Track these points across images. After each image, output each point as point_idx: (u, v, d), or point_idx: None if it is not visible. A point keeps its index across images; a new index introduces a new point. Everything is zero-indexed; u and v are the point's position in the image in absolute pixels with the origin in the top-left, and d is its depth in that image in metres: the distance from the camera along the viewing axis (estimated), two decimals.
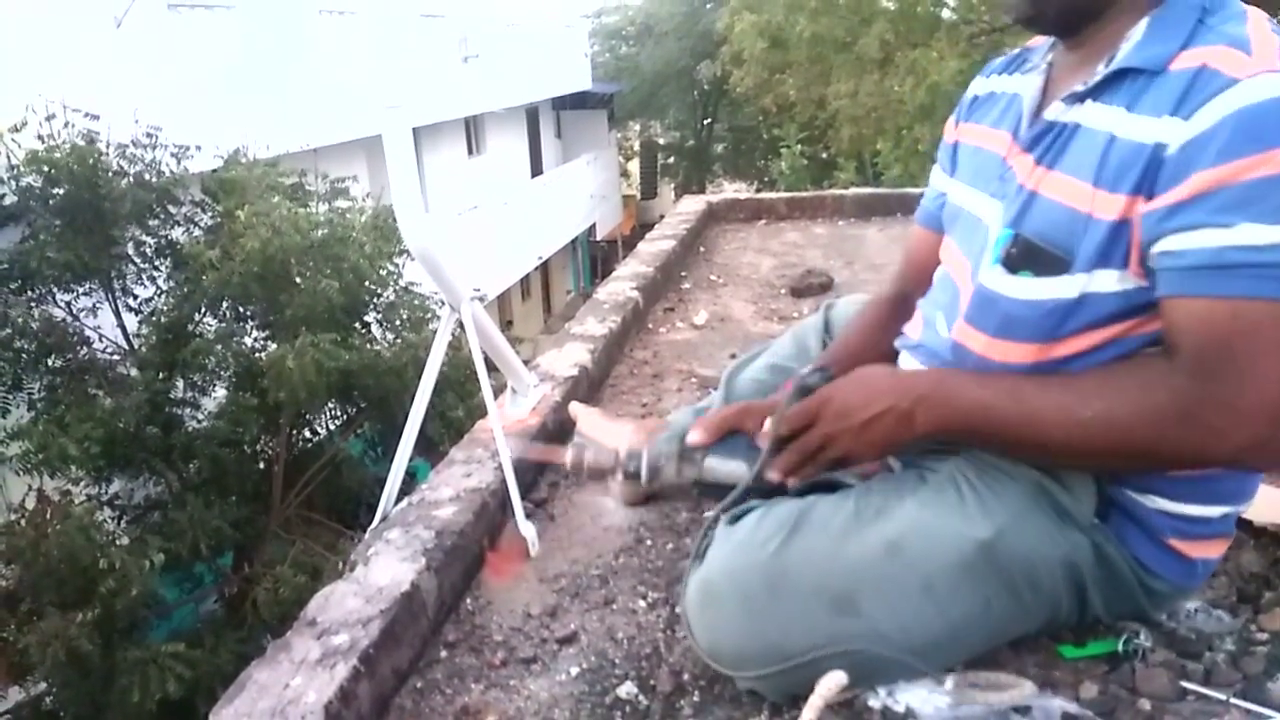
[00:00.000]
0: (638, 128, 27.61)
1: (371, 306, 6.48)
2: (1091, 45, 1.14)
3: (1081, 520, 1.15)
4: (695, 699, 1.19)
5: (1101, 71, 1.10)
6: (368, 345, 6.24)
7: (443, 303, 1.73)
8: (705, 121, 25.93)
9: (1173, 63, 1.04)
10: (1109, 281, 1.07)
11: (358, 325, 6.40)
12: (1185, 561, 1.18)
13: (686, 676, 1.23)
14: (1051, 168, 1.13)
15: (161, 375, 5.83)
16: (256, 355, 5.84)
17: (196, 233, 6.17)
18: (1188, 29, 1.06)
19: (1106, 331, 1.09)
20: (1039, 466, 1.16)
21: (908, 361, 1.38)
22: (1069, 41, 1.19)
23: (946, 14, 12.85)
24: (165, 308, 6.07)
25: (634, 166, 27.55)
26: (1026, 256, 1.13)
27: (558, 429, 2.00)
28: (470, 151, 15.24)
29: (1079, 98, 1.13)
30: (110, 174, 5.66)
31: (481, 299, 1.77)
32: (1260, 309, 0.96)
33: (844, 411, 1.14)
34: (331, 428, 6.88)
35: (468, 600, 1.46)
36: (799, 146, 13.03)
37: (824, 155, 15.30)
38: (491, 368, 1.83)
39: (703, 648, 1.17)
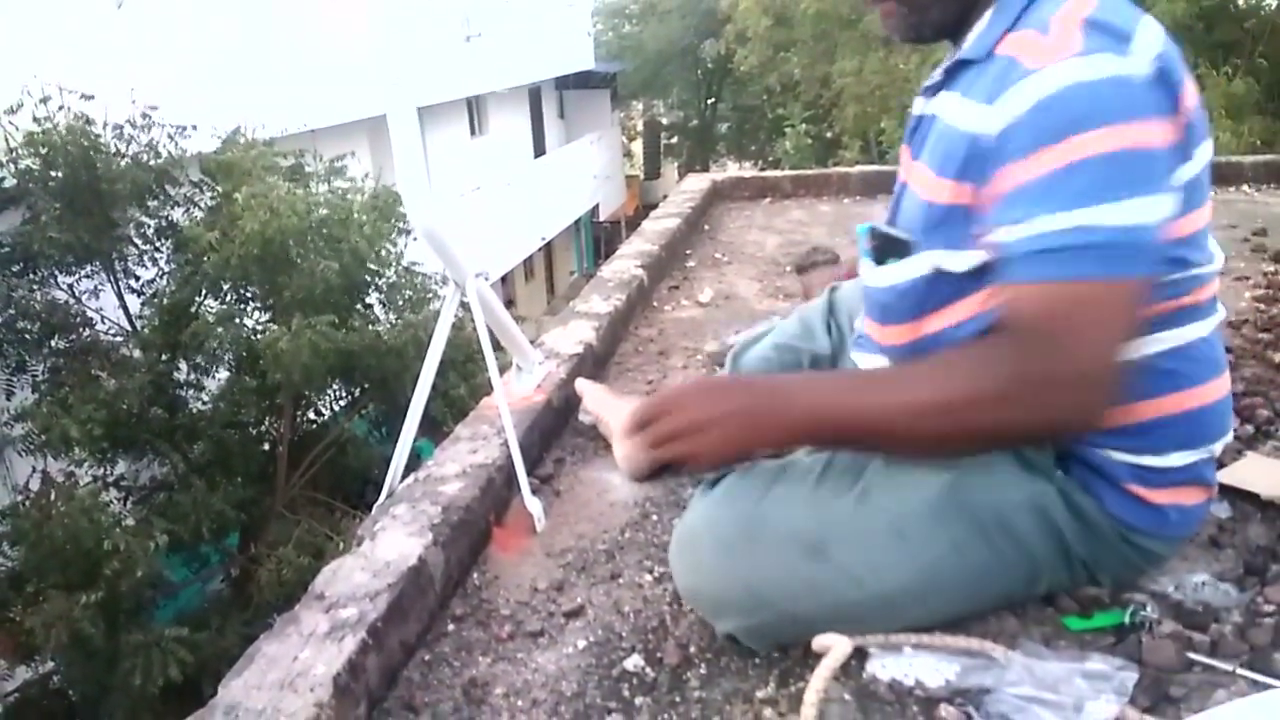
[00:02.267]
0: (641, 107, 27.48)
1: (373, 287, 6.47)
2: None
3: (1044, 468, 1.17)
4: (702, 671, 1.19)
5: (946, 63, 1.18)
6: (369, 326, 6.24)
7: (444, 281, 1.73)
8: (709, 101, 25.79)
9: (997, 47, 1.10)
10: (949, 261, 1.14)
11: (359, 306, 6.40)
12: (1153, 509, 1.19)
13: (693, 649, 1.23)
14: (915, 159, 1.21)
15: (164, 357, 5.84)
16: (257, 337, 5.84)
17: (196, 214, 6.16)
18: (1015, 13, 1.11)
19: (964, 307, 1.16)
20: None
21: (856, 354, 1.44)
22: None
23: None
24: (167, 289, 6.07)
25: (637, 147, 27.44)
26: (885, 246, 1.22)
27: (563, 406, 2.00)
28: (473, 132, 15.17)
29: (933, 90, 1.20)
30: (109, 155, 5.64)
31: (485, 279, 1.77)
32: (1069, 289, 1.00)
33: (695, 410, 1.07)
34: (336, 409, 6.89)
35: (474, 575, 1.46)
36: (803, 126, 12.98)
37: (829, 134, 15.22)
38: (497, 345, 1.82)
39: (683, 593, 1.25)
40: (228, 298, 6.06)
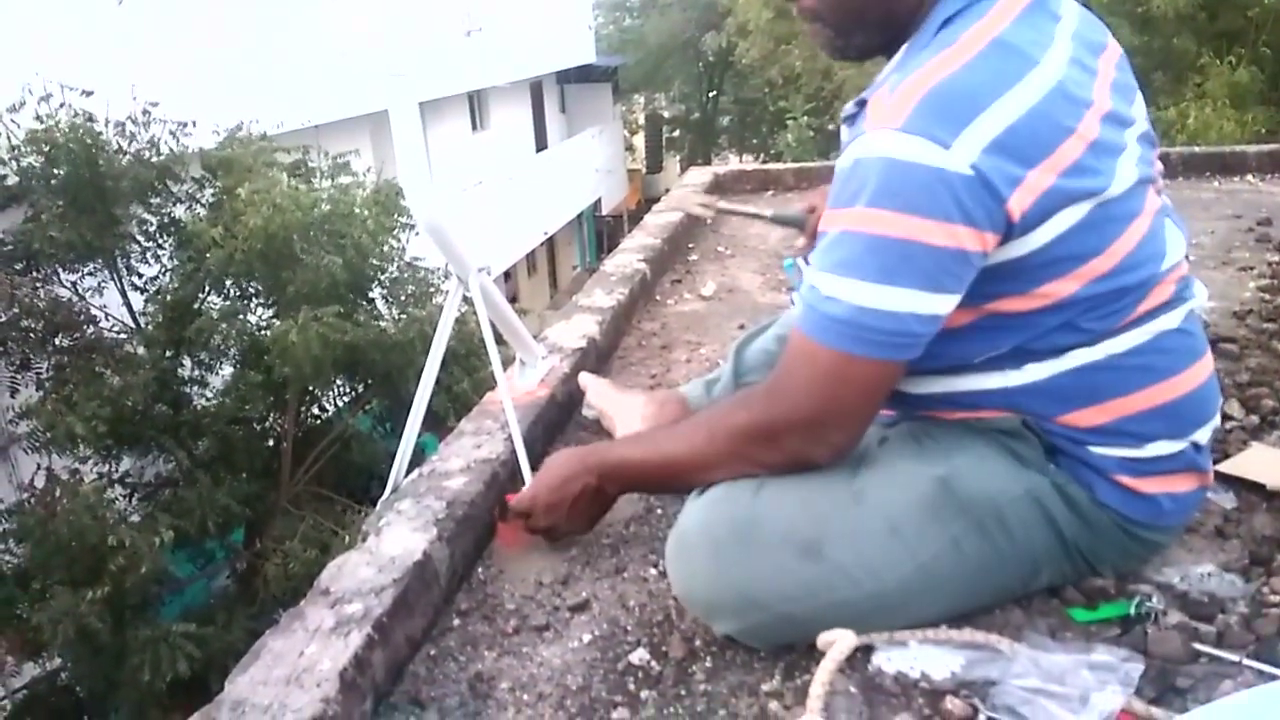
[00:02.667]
0: (642, 101, 27.42)
1: (376, 282, 6.47)
2: None
3: (1036, 462, 1.17)
4: (707, 664, 1.19)
5: (855, 99, 1.21)
6: (373, 321, 6.24)
7: (447, 275, 1.73)
8: (710, 94, 25.71)
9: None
10: None
11: (362, 301, 6.40)
12: (1145, 498, 1.19)
13: (698, 642, 1.23)
14: None
15: (168, 353, 5.86)
16: (262, 332, 5.84)
17: (199, 210, 6.16)
18: (914, 56, 1.10)
19: None
20: (998, 427, 1.20)
21: None
22: None
23: None
24: (170, 286, 6.07)
25: (639, 140, 27.38)
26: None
27: (567, 400, 2.00)
28: (474, 127, 15.16)
29: (850, 120, 1.21)
30: (111, 152, 5.64)
31: (488, 273, 1.77)
32: (808, 346, 1.10)
33: (551, 504, 1.36)
34: (340, 404, 6.90)
35: (479, 569, 1.46)
36: (805, 118, 12.93)
37: (830, 127, 15.18)
38: (500, 340, 1.82)
39: (679, 596, 1.25)
40: (231, 293, 6.07)
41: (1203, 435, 1.21)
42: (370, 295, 6.51)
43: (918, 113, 1.01)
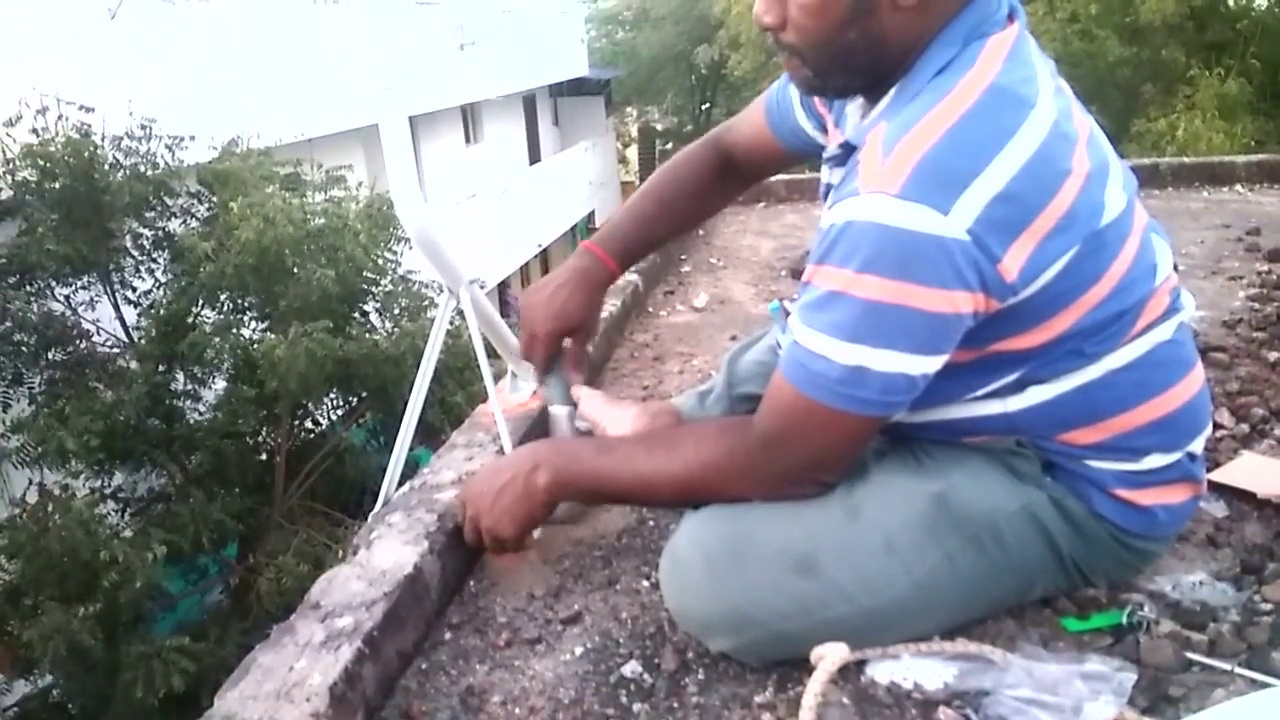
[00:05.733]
0: (635, 113, 27.48)
1: (369, 296, 6.47)
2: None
3: (1033, 476, 1.18)
4: (700, 676, 1.19)
5: (838, 138, 1.19)
6: (366, 335, 6.24)
7: (440, 289, 1.73)
8: (703, 106, 25.78)
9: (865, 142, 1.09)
10: None
11: (356, 315, 6.39)
12: (1140, 510, 1.19)
13: (691, 654, 1.22)
14: None
15: (161, 368, 5.83)
16: (254, 346, 5.83)
17: (193, 224, 6.16)
18: (904, 100, 1.08)
19: None
20: (994, 448, 1.20)
21: None
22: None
23: None
24: (164, 300, 6.06)
25: (632, 153, 27.43)
26: None
27: None
28: (468, 140, 15.19)
29: (832, 162, 1.21)
30: (106, 167, 5.64)
31: (481, 286, 1.77)
32: (799, 401, 1.08)
33: (479, 491, 1.32)
34: (333, 418, 6.88)
35: (471, 583, 1.46)
36: None
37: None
38: (491, 352, 1.82)
39: (673, 614, 1.24)
40: (224, 308, 6.05)
41: (1197, 446, 1.22)
42: (364, 309, 6.51)
43: (915, 178, 0.98)
